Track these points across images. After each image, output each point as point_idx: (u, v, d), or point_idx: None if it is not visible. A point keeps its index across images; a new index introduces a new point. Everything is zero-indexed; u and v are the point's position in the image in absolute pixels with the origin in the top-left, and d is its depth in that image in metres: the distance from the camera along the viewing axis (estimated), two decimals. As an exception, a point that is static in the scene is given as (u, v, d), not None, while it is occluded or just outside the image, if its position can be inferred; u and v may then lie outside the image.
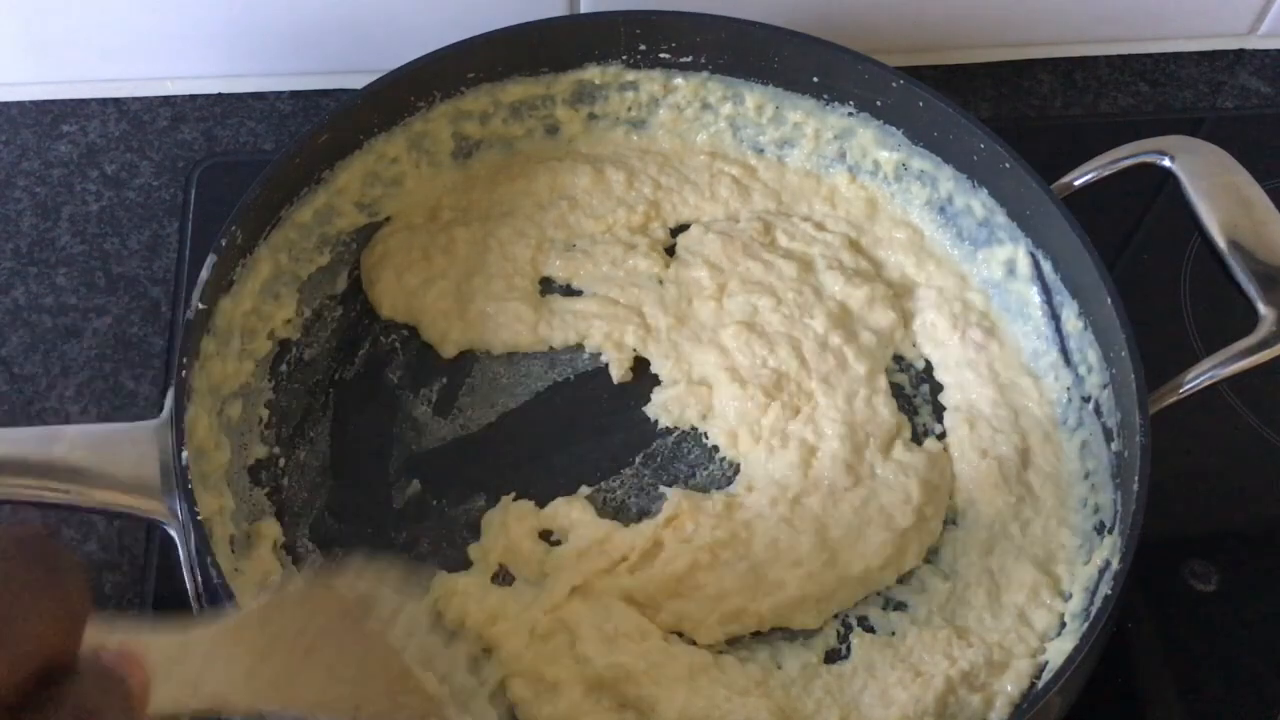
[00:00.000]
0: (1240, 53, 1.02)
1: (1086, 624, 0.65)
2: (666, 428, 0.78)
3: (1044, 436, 0.77)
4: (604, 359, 0.80)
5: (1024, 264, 0.79)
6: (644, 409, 0.79)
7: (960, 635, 0.70)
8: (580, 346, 0.81)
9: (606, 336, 0.80)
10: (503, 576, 0.73)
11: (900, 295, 0.82)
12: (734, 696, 0.68)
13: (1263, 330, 0.70)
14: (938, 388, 0.80)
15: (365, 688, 0.56)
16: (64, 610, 0.36)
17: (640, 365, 0.80)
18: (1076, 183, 0.78)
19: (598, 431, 0.78)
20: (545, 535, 0.74)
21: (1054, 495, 0.75)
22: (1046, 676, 0.67)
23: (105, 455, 0.67)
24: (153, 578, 0.75)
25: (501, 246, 0.82)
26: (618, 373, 0.80)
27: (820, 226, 0.85)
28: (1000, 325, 0.81)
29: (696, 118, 0.86)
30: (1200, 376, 0.70)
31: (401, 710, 0.57)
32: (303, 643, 0.51)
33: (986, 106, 0.98)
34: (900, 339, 0.81)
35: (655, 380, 0.80)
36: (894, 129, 0.83)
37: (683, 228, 0.85)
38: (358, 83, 0.80)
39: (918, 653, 0.70)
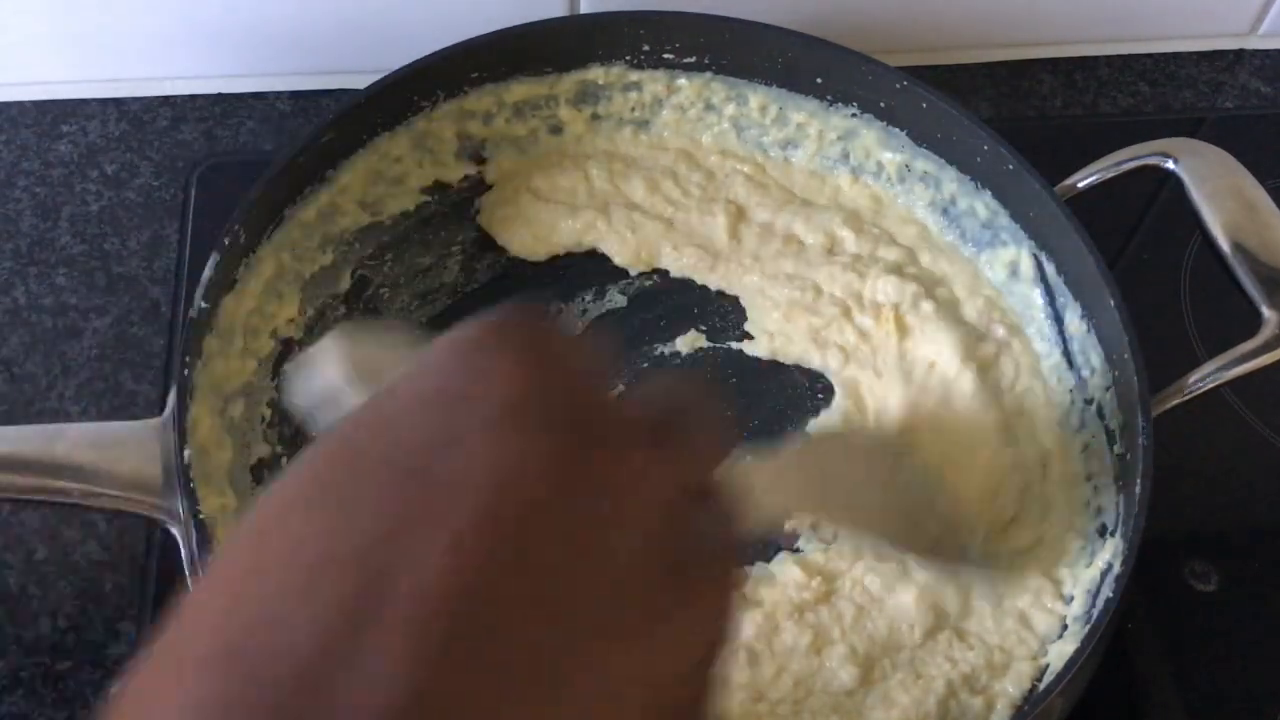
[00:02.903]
0: (1240, 53, 1.02)
1: (1088, 627, 0.65)
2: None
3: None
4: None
5: (1027, 266, 0.79)
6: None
7: (961, 637, 0.70)
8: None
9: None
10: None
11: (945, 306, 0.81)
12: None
13: (1266, 333, 0.70)
14: (938, 388, 0.80)
15: (888, 514, 0.67)
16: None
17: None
18: (1080, 185, 0.77)
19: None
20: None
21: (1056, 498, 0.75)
22: (1048, 679, 0.67)
23: (108, 454, 0.67)
24: (153, 578, 0.74)
25: None
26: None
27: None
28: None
29: (700, 118, 0.86)
30: (1204, 379, 0.70)
31: (919, 533, 0.68)
32: (836, 471, 0.64)
33: (986, 107, 0.98)
34: None
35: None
36: (898, 130, 0.83)
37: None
38: (358, 83, 0.80)
39: (919, 655, 0.70)
